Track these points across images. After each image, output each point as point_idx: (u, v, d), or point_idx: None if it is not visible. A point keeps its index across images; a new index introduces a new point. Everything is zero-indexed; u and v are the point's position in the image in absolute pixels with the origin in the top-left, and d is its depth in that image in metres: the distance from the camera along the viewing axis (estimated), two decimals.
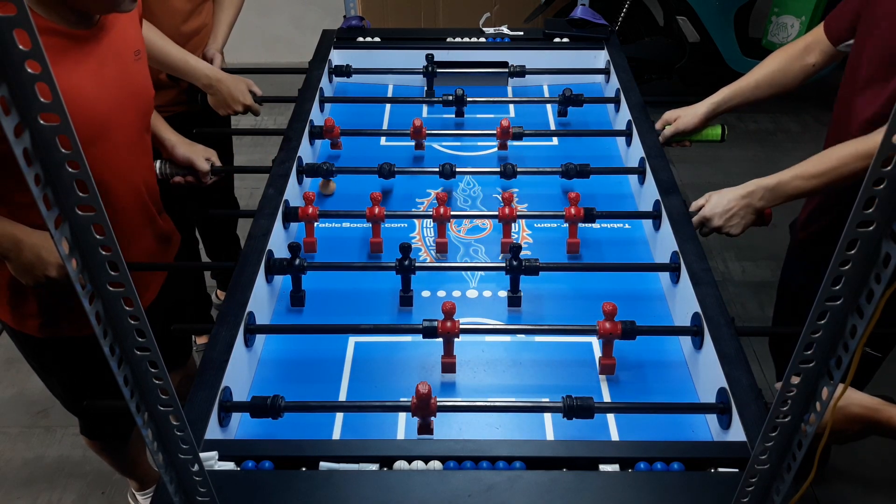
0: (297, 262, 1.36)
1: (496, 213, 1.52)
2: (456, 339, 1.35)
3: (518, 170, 1.66)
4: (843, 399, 1.06)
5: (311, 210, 1.52)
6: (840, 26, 1.52)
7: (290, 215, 1.54)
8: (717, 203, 1.47)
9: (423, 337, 1.25)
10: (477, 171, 1.76)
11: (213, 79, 1.82)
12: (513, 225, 1.65)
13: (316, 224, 1.56)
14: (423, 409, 1.10)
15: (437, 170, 1.67)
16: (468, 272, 1.51)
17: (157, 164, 1.64)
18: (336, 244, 1.59)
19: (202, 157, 1.67)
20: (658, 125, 1.78)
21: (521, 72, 2.07)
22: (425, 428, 1.13)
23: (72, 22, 1.24)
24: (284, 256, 1.39)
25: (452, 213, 1.53)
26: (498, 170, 1.67)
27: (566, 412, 1.11)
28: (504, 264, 1.39)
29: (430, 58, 2.06)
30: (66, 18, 1.22)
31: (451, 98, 1.93)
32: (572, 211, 1.51)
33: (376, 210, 1.51)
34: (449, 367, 1.27)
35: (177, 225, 1.70)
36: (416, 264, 1.38)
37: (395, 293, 1.45)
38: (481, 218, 1.65)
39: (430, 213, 1.52)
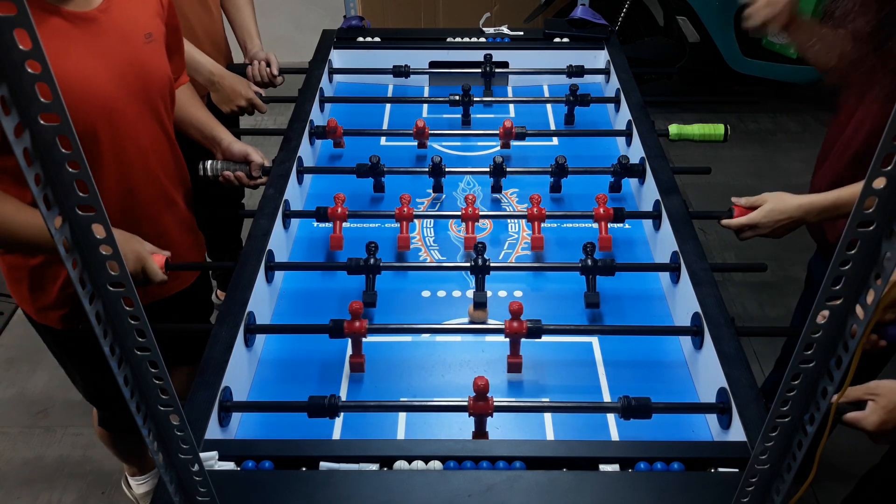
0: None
1: (525, 213, 1.53)
2: (457, 340, 1.36)
3: (508, 170, 1.66)
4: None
5: (339, 210, 1.53)
6: None
7: (321, 215, 1.54)
8: (771, 214, 1.41)
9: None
10: (472, 171, 1.76)
11: (217, 75, 1.83)
12: (512, 225, 1.65)
13: (317, 224, 1.57)
14: (482, 405, 1.10)
15: (488, 169, 1.67)
16: (468, 272, 1.51)
17: (209, 163, 1.64)
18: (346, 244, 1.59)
19: (257, 151, 1.68)
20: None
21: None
22: (480, 432, 1.13)
23: (76, 2, 1.23)
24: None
25: (482, 213, 1.53)
26: (486, 169, 1.67)
27: (623, 413, 1.12)
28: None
29: (488, 57, 2.07)
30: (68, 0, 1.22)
31: (457, 98, 1.92)
32: (601, 211, 1.52)
33: (405, 210, 1.52)
34: (515, 366, 1.27)
35: None
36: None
37: (396, 293, 1.45)
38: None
39: (459, 213, 1.53)
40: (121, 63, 1.31)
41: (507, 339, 1.25)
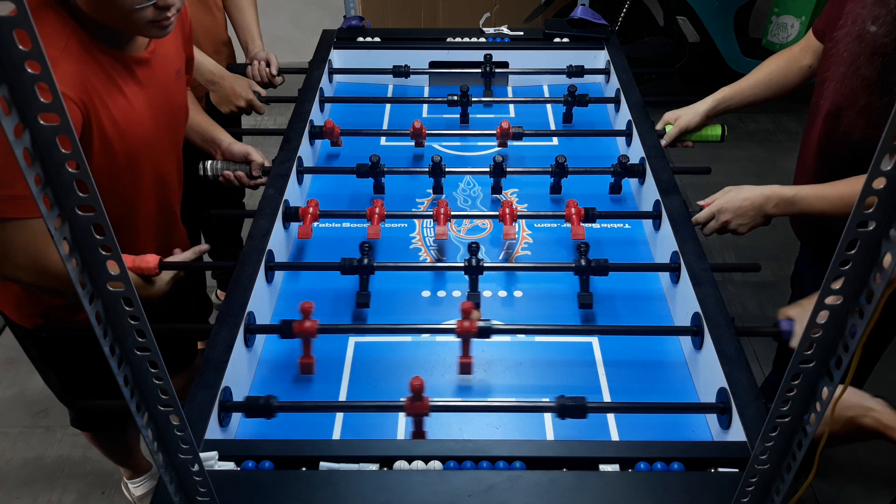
0: (367, 261, 1.38)
1: (496, 213, 1.53)
2: (457, 340, 1.35)
3: (508, 170, 1.66)
4: (864, 409, 1.05)
5: (311, 210, 1.53)
6: (823, 25, 1.54)
7: (290, 215, 1.54)
8: (733, 199, 1.45)
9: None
10: (472, 171, 1.76)
11: (217, 75, 1.83)
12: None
13: (316, 224, 1.57)
14: (417, 405, 1.10)
15: (488, 170, 1.67)
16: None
17: (209, 163, 1.66)
18: (337, 244, 1.59)
19: (257, 151, 1.70)
20: (659, 126, 1.79)
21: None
22: (419, 432, 1.13)
23: (131, 47, 1.27)
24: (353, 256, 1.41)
25: (453, 213, 1.53)
26: (486, 169, 1.67)
27: (560, 412, 1.11)
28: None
29: (488, 57, 2.07)
30: (124, 45, 1.26)
31: (455, 98, 1.92)
32: (572, 210, 1.51)
33: (377, 210, 1.52)
34: (466, 367, 1.27)
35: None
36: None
37: (396, 293, 1.45)
38: (481, 218, 1.65)
39: (430, 213, 1.53)
40: (158, 100, 1.36)
41: (459, 340, 1.25)
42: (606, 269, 1.39)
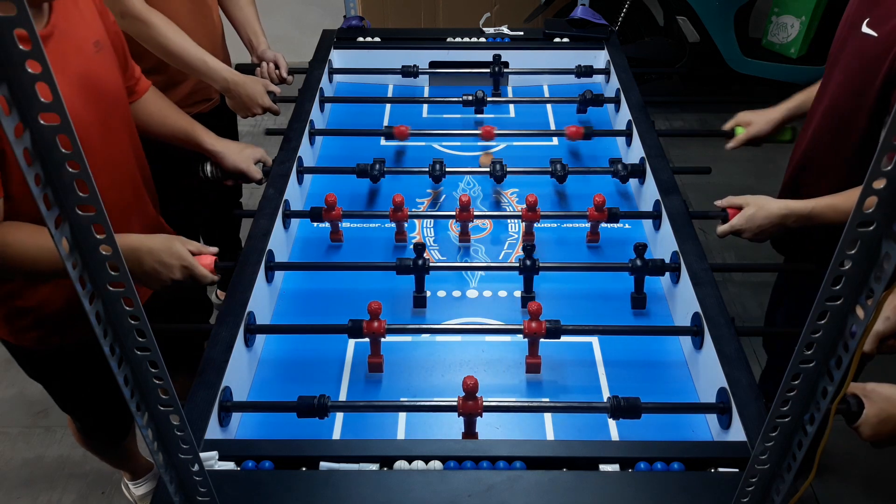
0: (422, 262, 1.38)
1: (519, 213, 1.53)
2: (457, 340, 1.36)
3: (508, 170, 1.66)
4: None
5: (334, 211, 1.53)
6: None
7: (315, 216, 1.55)
8: (754, 219, 1.44)
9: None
10: (468, 171, 1.76)
11: (231, 81, 1.78)
12: (511, 225, 1.65)
13: (316, 224, 1.57)
14: (471, 405, 1.11)
15: (488, 170, 1.66)
16: (468, 272, 1.51)
17: (207, 166, 1.63)
18: (338, 244, 1.60)
19: (252, 163, 1.65)
20: (729, 125, 1.77)
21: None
22: (470, 432, 1.14)
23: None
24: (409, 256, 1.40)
25: (476, 213, 1.54)
26: (487, 169, 1.67)
27: (612, 413, 1.12)
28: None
29: (497, 58, 2.07)
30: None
31: (470, 98, 1.92)
32: (595, 212, 1.52)
33: (399, 213, 1.52)
34: (534, 367, 1.27)
35: (180, 228, 1.69)
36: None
37: (395, 293, 1.45)
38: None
39: (454, 213, 1.53)
40: (78, 75, 1.28)
41: (526, 340, 1.26)
42: (663, 270, 1.40)
